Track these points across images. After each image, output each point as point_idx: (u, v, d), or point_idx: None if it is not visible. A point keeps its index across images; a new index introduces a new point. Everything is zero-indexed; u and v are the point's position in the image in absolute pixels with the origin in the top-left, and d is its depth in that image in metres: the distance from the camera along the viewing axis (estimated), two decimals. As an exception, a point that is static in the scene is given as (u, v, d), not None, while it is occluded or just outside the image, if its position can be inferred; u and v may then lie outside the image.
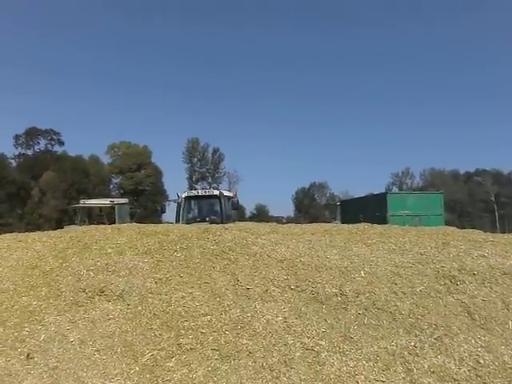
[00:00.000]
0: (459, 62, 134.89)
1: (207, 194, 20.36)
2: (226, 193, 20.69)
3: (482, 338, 6.65)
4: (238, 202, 21.54)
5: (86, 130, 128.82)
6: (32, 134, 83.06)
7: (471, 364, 6.20)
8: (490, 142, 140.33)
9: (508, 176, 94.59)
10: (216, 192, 20.12)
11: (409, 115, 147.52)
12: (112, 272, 8.45)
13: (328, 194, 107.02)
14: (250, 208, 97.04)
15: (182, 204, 19.13)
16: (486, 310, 7.22)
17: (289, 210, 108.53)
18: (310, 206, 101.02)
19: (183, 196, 19.49)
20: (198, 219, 19.07)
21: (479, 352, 6.40)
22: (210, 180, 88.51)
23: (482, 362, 6.23)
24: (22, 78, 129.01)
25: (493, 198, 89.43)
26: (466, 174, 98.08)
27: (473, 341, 6.60)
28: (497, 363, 6.21)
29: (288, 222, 27.47)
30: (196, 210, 20.44)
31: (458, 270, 8.20)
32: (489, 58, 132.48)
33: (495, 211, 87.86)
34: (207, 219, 18.61)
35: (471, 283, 7.87)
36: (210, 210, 20.02)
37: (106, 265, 8.66)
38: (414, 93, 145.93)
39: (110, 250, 9.25)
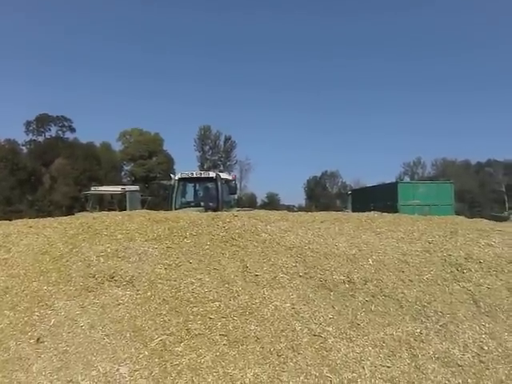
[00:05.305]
0: (473, 49, 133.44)
1: (202, 175, 19.26)
2: (223, 175, 19.31)
3: (487, 325, 6.69)
4: (235, 186, 20.52)
5: (98, 116, 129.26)
6: (43, 120, 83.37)
7: (475, 350, 6.26)
8: (503, 133, 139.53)
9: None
10: (212, 174, 18.93)
11: (422, 104, 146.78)
12: (122, 258, 8.49)
13: (339, 183, 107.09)
14: (261, 196, 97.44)
15: (174, 187, 18.23)
16: (491, 297, 7.25)
17: (300, 199, 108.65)
18: (321, 195, 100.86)
19: (176, 177, 18.58)
20: (193, 204, 18.14)
21: (483, 339, 6.46)
22: (221, 168, 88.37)
23: (485, 348, 6.30)
24: (33, 64, 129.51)
25: (503, 189, 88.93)
26: (478, 164, 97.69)
27: (477, 328, 6.65)
28: (500, 350, 6.28)
29: (299, 211, 27.35)
30: (190, 194, 19.51)
31: (465, 259, 8.22)
32: (504, 44, 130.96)
33: (505, 202, 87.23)
34: (202, 205, 17.54)
35: (477, 271, 7.89)
36: (205, 194, 19.05)
37: (116, 251, 8.70)
38: (426, 81, 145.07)
39: (119, 236, 9.27)
